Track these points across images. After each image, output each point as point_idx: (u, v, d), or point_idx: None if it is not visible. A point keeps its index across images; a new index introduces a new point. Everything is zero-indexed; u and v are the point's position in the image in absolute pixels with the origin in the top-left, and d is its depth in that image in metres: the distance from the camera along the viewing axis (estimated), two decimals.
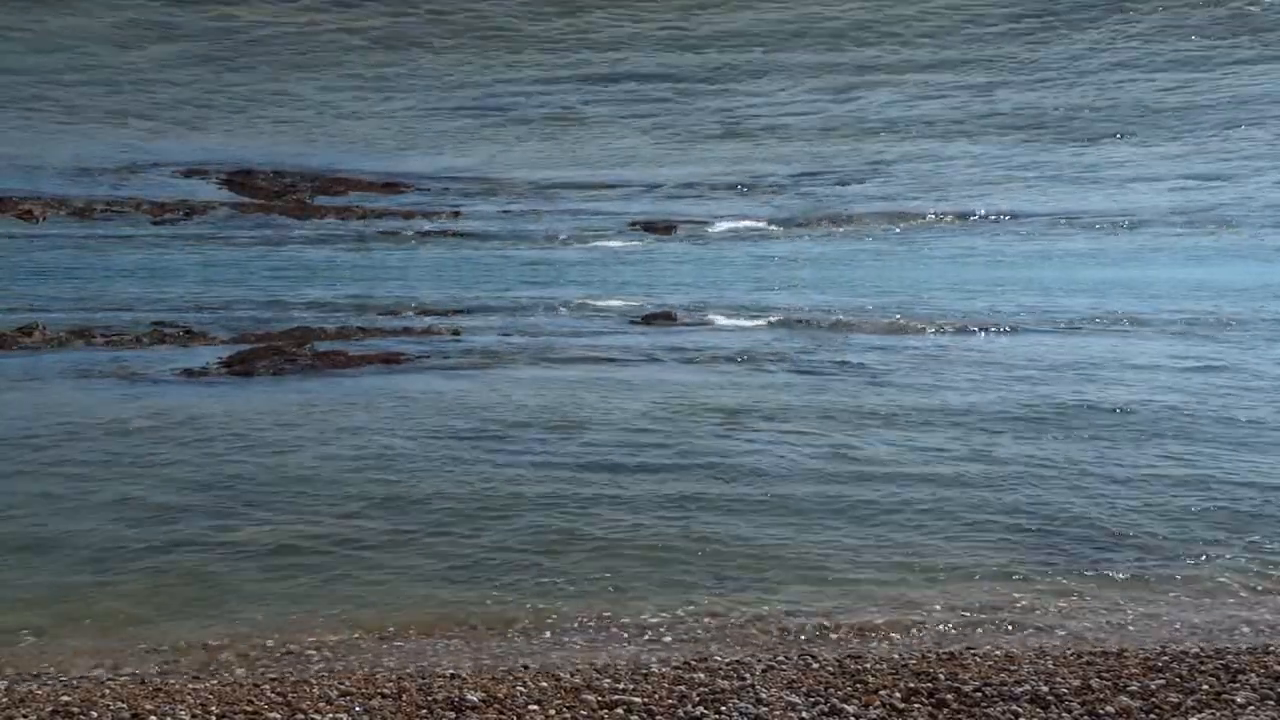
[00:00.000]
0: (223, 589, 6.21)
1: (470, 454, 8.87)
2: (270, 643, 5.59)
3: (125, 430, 9.58)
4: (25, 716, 4.50)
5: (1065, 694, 4.74)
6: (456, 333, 15.44)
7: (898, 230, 22.45)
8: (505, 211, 21.41)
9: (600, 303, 19.04)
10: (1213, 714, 4.57)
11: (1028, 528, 7.21)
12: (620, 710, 4.61)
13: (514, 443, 9.22)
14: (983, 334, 16.17)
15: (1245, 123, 18.04)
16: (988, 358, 13.94)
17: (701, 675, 5.02)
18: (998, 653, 5.41)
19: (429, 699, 4.69)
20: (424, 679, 5.00)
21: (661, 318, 17.21)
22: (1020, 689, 4.80)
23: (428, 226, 21.38)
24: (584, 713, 4.60)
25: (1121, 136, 18.86)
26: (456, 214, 21.08)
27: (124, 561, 6.57)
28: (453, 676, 5.06)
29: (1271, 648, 5.43)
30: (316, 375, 12.35)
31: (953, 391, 11.56)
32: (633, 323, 17.08)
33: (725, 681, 4.92)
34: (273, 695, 4.76)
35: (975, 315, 18.19)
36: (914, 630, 5.77)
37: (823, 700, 4.69)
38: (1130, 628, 5.82)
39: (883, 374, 12.67)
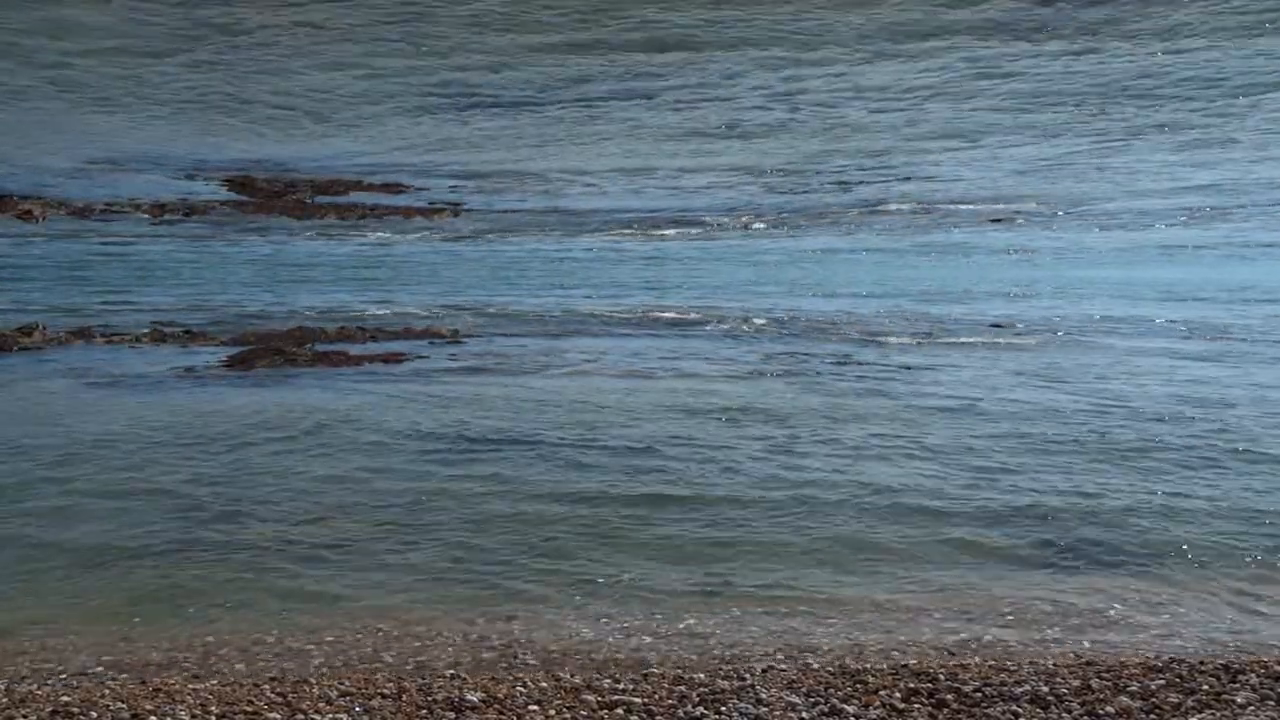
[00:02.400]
0: (223, 588, 6.21)
1: (471, 454, 8.87)
2: (270, 641, 5.60)
3: (125, 430, 9.58)
4: (25, 716, 4.50)
5: (1065, 694, 4.74)
6: (456, 333, 15.44)
7: (919, 225, 22.13)
8: (505, 211, 21.41)
9: (599, 303, 19.03)
10: (1213, 714, 4.57)
11: (1029, 528, 7.21)
12: (620, 710, 4.61)
13: (515, 443, 9.21)
14: (998, 337, 16.14)
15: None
16: (998, 362, 13.94)
17: (701, 675, 5.02)
18: (998, 653, 5.41)
19: (429, 699, 4.69)
20: (424, 679, 5.00)
21: (661, 318, 17.21)
22: (1020, 689, 4.80)
23: (428, 226, 21.39)
24: (584, 713, 4.60)
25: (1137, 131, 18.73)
26: (456, 214, 21.08)
27: (124, 561, 6.57)
28: (453, 676, 5.06)
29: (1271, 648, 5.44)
30: (317, 375, 12.35)
31: (957, 394, 11.57)
32: (630, 323, 17.07)
33: (725, 682, 4.92)
34: (272, 695, 4.76)
35: (989, 316, 18.15)
36: (914, 630, 5.77)
37: (823, 700, 4.69)
38: (1130, 627, 5.82)
39: (886, 378, 12.68)
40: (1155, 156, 19.58)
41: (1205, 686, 4.84)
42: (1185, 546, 6.92)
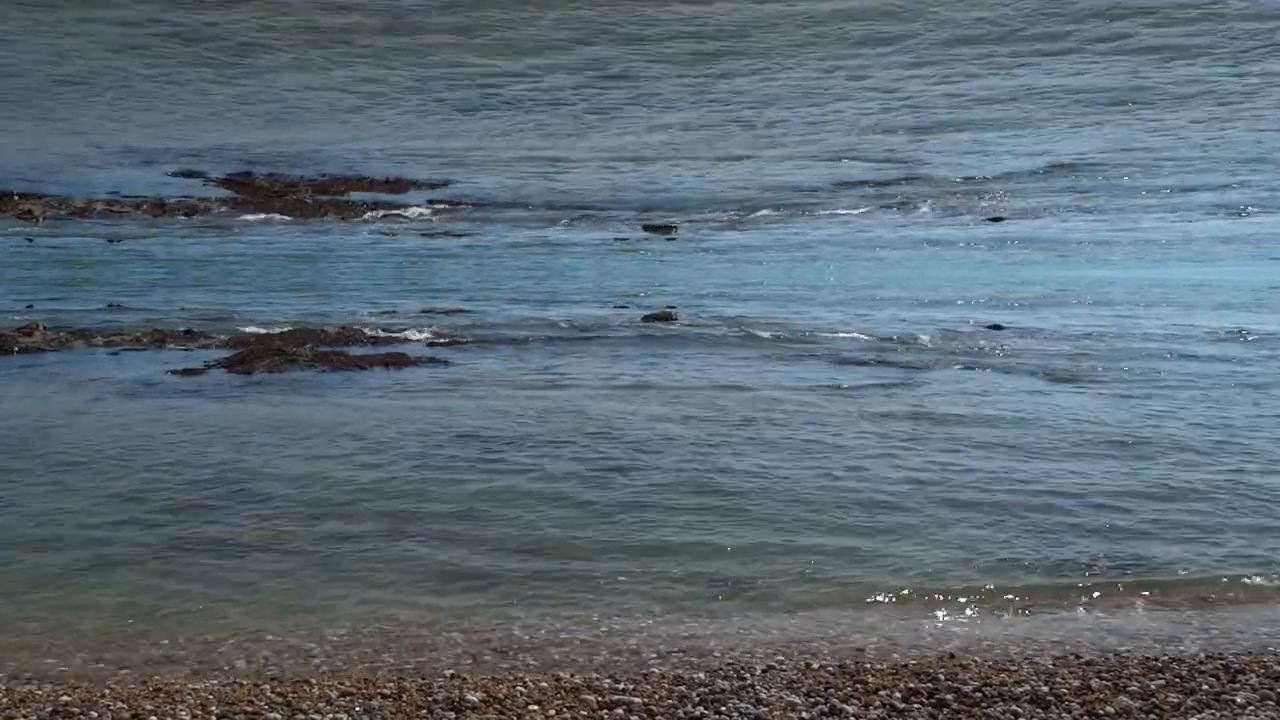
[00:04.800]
0: (223, 589, 6.21)
1: (469, 456, 8.87)
2: (270, 640, 5.59)
3: (125, 430, 9.58)
4: (25, 716, 4.50)
5: (1065, 694, 4.75)
6: (457, 332, 15.44)
7: (955, 216, 21.63)
8: (508, 214, 21.38)
9: (598, 303, 19.03)
10: (1213, 714, 4.57)
11: (1029, 530, 7.21)
12: (620, 710, 4.61)
13: (513, 445, 9.21)
14: (1005, 338, 16.13)
15: None
16: (1004, 363, 13.93)
17: (701, 675, 5.02)
18: (998, 653, 5.41)
19: (429, 699, 4.69)
20: (424, 679, 5.00)
21: (660, 318, 17.22)
22: (1020, 689, 4.80)
23: (428, 225, 21.37)
24: (584, 713, 4.60)
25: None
26: (457, 214, 21.06)
27: (124, 561, 6.56)
28: (453, 676, 5.06)
29: (1271, 648, 5.44)
30: (317, 376, 12.36)
31: (957, 397, 11.57)
32: (631, 323, 17.07)
33: (725, 681, 4.92)
34: (273, 695, 4.76)
35: (983, 319, 18.12)
36: (914, 630, 5.77)
37: (823, 700, 4.69)
38: (1130, 628, 5.82)
39: (890, 382, 12.68)
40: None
41: (1205, 686, 4.84)
42: (1186, 547, 6.92)
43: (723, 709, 4.60)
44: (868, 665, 5.14)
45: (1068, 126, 19.42)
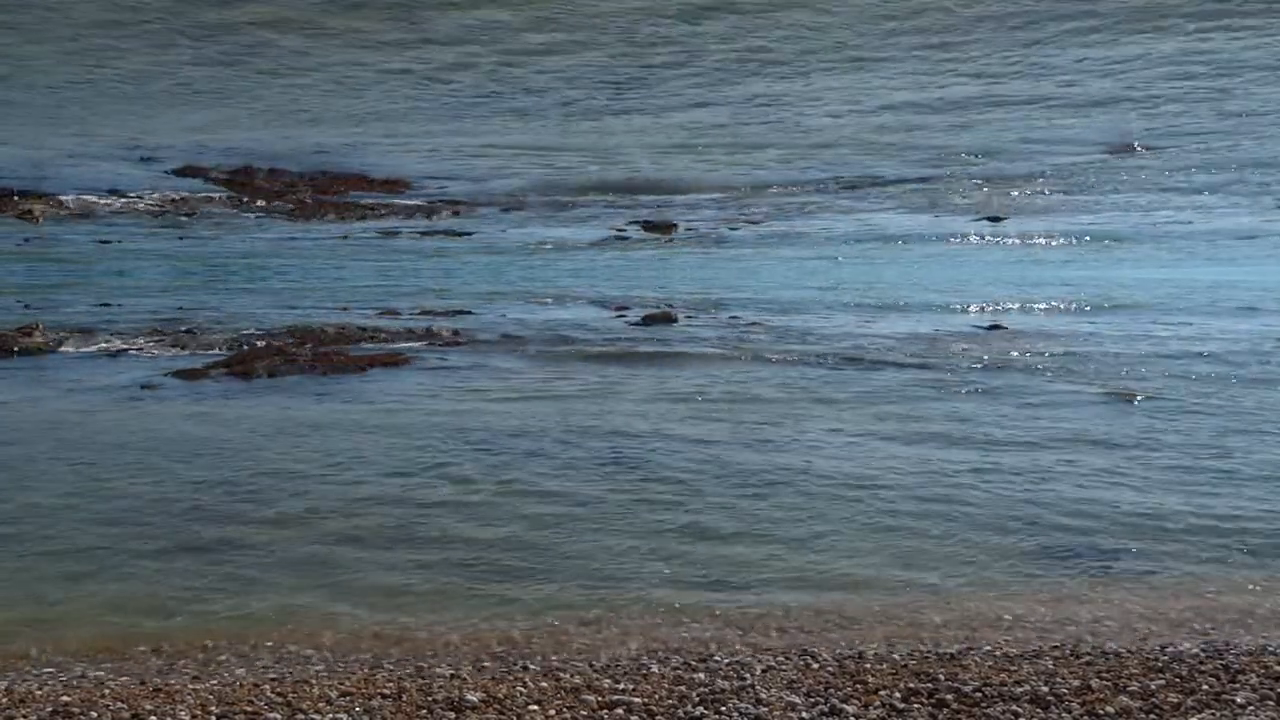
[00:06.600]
0: (223, 590, 6.21)
1: (469, 457, 8.87)
2: (270, 642, 5.60)
3: (125, 431, 9.58)
4: (25, 717, 4.50)
5: (1065, 694, 4.75)
6: (457, 333, 15.44)
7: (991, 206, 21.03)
8: (506, 209, 21.37)
9: (598, 304, 19.03)
10: (1213, 714, 4.57)
11: (1028, 529, 7.22)
12: (620, 710, 4.61)
13: (512, 446, 9.22)
14: (992, 338, 16.12)
15: None
16: (1008, 364, 13.93)
17: (701, 675, 5.02)
18: (998, 653, 5.41)
19: (429, 699, 4.69)
20: (424, 679, 5.00)
21: (660, 319, 17.21)
22: (1020, 689, 4.80)
23: (428, 225, 21.37)
24: (584, 713, 4.60)
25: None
26: (456, 212, 21.05)
27: (124, 562, 6.56)
28: (453, 676, 5.06)
29: (1271, 648, 5.44)
30: (317, 376, 12.35)
31: (955, 399, 11.57)
32: (631, 325, 17.06)
33: (725, 681, 4.92)
34: (273, 695, 4.76)
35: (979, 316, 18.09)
36: (914, 630, 5.77)
37: (823, 700, 4.69)
38: (1130, 628, 5.82)
39: (893, 383, 12.68)
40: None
41: (1205, 686, 4.84)
42: (1186, 547, 6.92)
43: (723, 709, 4.60)
44: (868, 665, 5.14)
45: (1087, 122, 19.23)
